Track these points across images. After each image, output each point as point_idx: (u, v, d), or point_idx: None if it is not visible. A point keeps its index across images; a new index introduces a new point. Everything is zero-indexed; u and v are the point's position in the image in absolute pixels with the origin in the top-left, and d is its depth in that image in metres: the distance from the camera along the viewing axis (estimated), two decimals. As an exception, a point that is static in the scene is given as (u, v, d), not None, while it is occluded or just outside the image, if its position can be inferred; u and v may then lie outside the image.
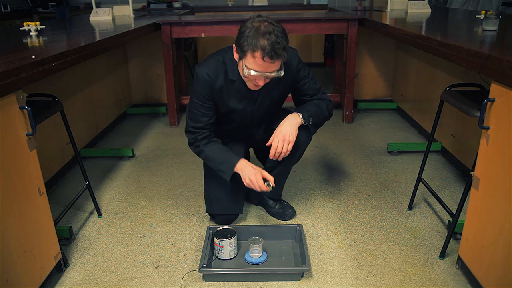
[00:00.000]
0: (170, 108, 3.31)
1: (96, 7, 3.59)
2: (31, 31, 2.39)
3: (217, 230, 1.72)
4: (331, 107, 1.84)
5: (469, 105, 1.53)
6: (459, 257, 1.61)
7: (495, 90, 1.32)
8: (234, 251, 1.70)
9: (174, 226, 1.97)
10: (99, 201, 2.18)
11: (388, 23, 2.77)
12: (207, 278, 1.60)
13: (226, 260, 1.69)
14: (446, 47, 1.70)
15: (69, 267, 1.69)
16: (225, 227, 1.74)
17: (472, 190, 1.48)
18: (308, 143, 1.84)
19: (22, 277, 1.38)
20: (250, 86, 1.66)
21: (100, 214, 2.07)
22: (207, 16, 4.26)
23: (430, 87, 2.88)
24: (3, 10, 6.10)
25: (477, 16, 2.67)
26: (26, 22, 2.42)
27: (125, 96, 3.62)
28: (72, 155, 2.60)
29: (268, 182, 1.65)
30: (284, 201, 2.06)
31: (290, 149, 1.68)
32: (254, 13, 1.76)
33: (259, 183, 1.63)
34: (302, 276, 1.60)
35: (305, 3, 6.05)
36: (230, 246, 1.67)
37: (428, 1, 3.81)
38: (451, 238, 1.71)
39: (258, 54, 1.47)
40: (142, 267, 1.69)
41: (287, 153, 1.68)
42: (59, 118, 1.86)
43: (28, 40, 2.15)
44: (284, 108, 1.93)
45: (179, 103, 3.43)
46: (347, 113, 3.34)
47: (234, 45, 1.58)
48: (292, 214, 2.00)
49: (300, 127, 1.71)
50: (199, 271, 1.58)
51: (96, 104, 3.01)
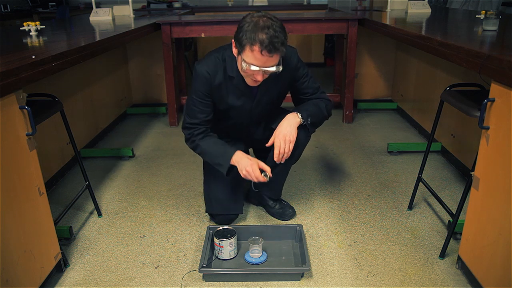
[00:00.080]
0: (170, 108, 3.31)
1: (96, 7, 3.59)
2: (31, 31, 2.39)
3: (217, 230, 1.72)
4: (330, 106, 1.84)
5: (469, 105, 1.53)
6: (459, 257, 1.61)
7: (495, 90, 1.32)
8: (234, 251, 1.70)
9: (174, 226, 1.97)
10: (99, 201, 2.18)
11: (388, 23, 2.77)
12: (207, 278, 1.60)
13: (226, 260, 1.69)
14: (446, 47, 1.70)
15: (69, 267, 1.70)
16: (225, 227, 1.74)
17: (472, 190, 1.48)
18: (307, 142, 1.84)
19: (22, 277, 1.38)
20: (248, 82, 1.66)
21: (100, 214, 2.07)
22: (207, 16, 4.26)
23: (430, 87, 2.88)
24: (3, 10, 6.09)
25: (477, 16, 2.67)
26: (26, 22, 2.42)
27: (125, 96, 3.62)
28: (72, 155, 2.60)
29: (265, 173, 1.66)
30: (284, 201, 2.06)
31: (291, 149, 1.68)
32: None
33: (256, 174, 1.63)
34: (302, 276, 1.60)
35: (305, 3, 6.05)
36: (230, 246, 1.67)
37: (428, 1, 3.81)
38: (451, 238, 1.71)
39: (256, 48, 1.47)
40: (142, 267, 1.69)
41: (289, 154, 1.69)
42: (59, 118, 1.86)
43: (28, 40, 2.15)
44: (283, 107, 1.93)
45: (179, 103, 3.43)
46: (347, 113, 3.34)
47: (233, 41, 1.58)
48: (292, 214, 2.00)
49: (298, 127, 1.71)
50: (199, 271, 1.58)
51: (96, 104, 3.01)
